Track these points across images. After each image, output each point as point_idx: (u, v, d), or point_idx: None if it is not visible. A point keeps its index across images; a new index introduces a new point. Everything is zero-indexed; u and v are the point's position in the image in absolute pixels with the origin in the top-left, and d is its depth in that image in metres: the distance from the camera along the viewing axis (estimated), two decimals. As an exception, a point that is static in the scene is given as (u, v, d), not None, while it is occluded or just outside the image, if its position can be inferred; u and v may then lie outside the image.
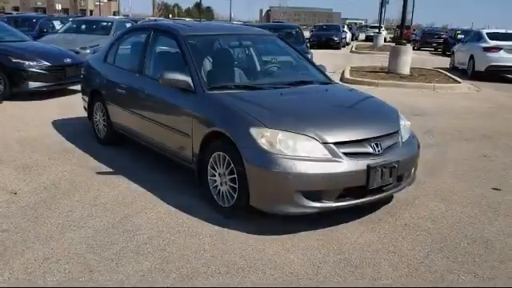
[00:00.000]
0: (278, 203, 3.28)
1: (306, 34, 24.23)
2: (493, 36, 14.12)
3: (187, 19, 40.96)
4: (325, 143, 3.32)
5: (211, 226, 3.51)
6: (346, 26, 38.00)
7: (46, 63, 8.38)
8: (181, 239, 3.30)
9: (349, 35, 36.07)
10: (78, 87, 9.08)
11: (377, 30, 41.90)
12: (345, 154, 3.33)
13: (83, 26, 13.77)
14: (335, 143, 3.34)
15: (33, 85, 8.22)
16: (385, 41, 33.38)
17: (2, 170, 4.63)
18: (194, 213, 3.73)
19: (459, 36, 24.38)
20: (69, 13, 61.98)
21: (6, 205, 3.80)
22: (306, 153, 3.27)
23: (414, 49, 20.11)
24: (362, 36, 48.13)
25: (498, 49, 13.37)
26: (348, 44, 34.07)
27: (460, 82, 12.20)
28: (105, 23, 13.99)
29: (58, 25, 15.96)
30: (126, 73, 5.02)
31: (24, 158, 5.07)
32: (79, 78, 8.97)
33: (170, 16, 71.87)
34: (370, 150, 3.45)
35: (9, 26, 10.56)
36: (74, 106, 7.53)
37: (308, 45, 14.47)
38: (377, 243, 3.31)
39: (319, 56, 15.28)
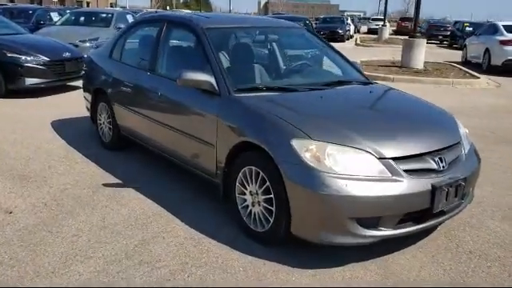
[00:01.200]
0: (327, 232, 2.71)
1: (310, 26, 23.53)
2: (509, 28, 13.52)
3: (186, 11, 40.15)
4: (382, 158, 2.76)
5: (243, 255, 2.96)
6: (349, 18, 37.19)
7: (43, 58, 7.78)
8: (209, 274, 2.74)
9: (352, 28, 35.36)
10: (78, 83, 8.53)
11: (378, 23, 41.25)
12: (405, 171, 2.78)
13: (82, 18, 13.14)
14: (394, 158, 2.78)
15: (30, 81, 7.62)
16: (387, 33, 32.61)
17: (-4, 182, 4.07)
18: (220, 237, 3.17)
19: (467, 29, 23.76)
20: (65, 4, 60.94)
21: (0, 228, 3.24)
22: (360, 171, 2.71)
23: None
24: (363, 28, 47.39)
25: (516, 42, 12.79)
26: (351, 37, 33.36)
27: (479, 77, 11.64)
28: (104, 15, 13.36)
29: (55, 17, 15.29)
30: (135, 71, 4.44)
31: (21, 166, 4.50)
32: (79, 74, 8.45)
33: (168, 8, 70.83)
34: (434, 165, 2.89)
35: (3, 18, 9.93)
36: (74, 104, 6.96)
37: (317, 38, 13.83)
38: (444, 280, 2.76)
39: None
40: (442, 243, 3.19)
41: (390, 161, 2.76)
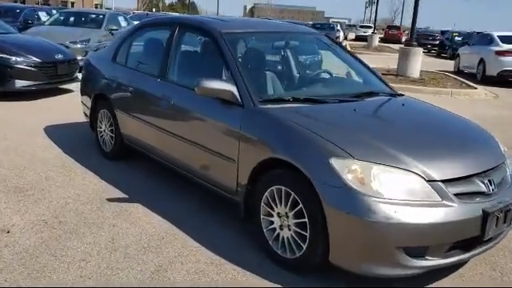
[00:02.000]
0: (370, 262, 2.45)
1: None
2: (505, 39, 13.52)
3: (174, 14, 39.73)
4: (431, 181, 2.51)
5: (273, 285, 2.67)
6: (338, 25, 37.24)
7: (35, 59, 7.38)
8: (240, 308, 2.46)
9: (342, 34, 35.40)
10: (69, 86, 8.17)
11: (366, 30, 41.51)
12: (455, 195, 2.53)
13: (72, 19, 12.67)
14: (443, 181, 2.53)
15: (20, 83, 7.21)
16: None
17: (-11, 196, 3.71)
18: (243, 262, 2.88)
19: (457, 38, 23.93)
20: (49, 4, 59.81)
21: (-3, 250, 2.91)
22: (408, 194, 2.45)
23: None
24: (351, 35, 47.58)
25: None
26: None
27: (476, 88, 11.57)
28: (95, 15, 12.93)
29: (43, 16, 14.81)
30: (143, 76, 4.12)
31: (15, 177, 4.14)
32: (72, 77, 8.12)
33: (154, 10, 70.21)
34: (483, 188, 2.65)
35: (-9, 16, 9.50)
36: (67, 108, 6.61)
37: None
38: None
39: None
40: (485, 271, 2.95)
41: (440, 183, 2.51)
